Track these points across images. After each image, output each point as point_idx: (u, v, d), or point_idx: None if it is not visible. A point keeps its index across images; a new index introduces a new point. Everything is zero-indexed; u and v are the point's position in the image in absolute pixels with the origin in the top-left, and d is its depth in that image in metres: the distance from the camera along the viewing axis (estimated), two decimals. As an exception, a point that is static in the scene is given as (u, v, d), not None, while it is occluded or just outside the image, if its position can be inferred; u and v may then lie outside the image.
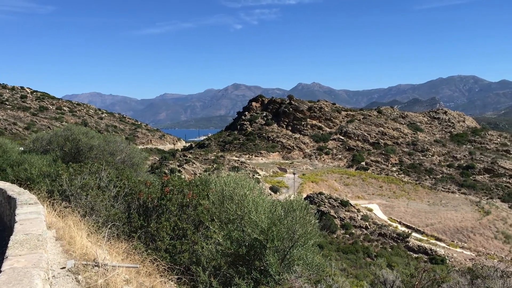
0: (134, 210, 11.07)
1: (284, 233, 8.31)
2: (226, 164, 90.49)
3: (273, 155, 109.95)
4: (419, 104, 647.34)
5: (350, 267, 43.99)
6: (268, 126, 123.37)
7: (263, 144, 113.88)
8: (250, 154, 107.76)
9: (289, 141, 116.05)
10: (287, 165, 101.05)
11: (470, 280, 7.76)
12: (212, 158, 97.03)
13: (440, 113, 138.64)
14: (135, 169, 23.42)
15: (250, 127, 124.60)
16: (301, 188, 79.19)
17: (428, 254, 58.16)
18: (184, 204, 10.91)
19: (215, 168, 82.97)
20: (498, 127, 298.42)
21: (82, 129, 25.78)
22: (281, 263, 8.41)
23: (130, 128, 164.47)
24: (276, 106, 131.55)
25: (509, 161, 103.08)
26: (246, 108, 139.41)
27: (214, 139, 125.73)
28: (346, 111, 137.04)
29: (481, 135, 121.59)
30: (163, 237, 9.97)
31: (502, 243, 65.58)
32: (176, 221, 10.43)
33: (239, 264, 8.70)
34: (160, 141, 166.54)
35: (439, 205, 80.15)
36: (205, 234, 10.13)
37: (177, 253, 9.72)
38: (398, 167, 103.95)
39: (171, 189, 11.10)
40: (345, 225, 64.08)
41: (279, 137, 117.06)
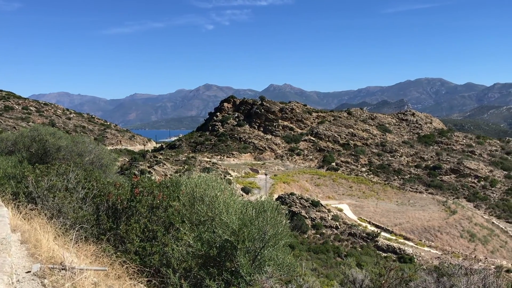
0: (103, 212, 10.88)
1: (255, 234, 8.33)
2: (197, 165, 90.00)
3: (245, 156, 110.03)
4: (387, 106, 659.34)
5: (321, 266, 44.43)
6: (240, 127, 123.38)
7: (235, 145, 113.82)
8: (221, 155, 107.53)
9: (261, 142, 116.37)
10: (259, 166, 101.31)
11: (436, 278, 7.97)
12: (183, 159, 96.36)
13: (408, 115, 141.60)
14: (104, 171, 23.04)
15: (221, 128, 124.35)
16: (273, 188, 79.53)
17: (397, 253, 59.33)
18: (154, 205, 10.79)
19: (186, 169, 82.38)
20: (464, 128, 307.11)
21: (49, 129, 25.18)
22: (252, 264, 8.43)
23: (99, 128, 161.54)
24: (248, 107, 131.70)
25: (474, 162, 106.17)
26: (217, 109, 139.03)
27: (185, 140, 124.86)
28: (317, 112, 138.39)
29: (448, 137, 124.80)
30: (133, 239, 9.84)
31: (467, 242, 67.47)
32: (146, 223, 10.31)
33: (210, 265, 8.67)
34: (130, 142, 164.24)
35: (407, 205, 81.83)
36: (175, 236, 10.05)
37: (147, 255, 9.61)
38: (368, 167, 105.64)
39: (141, 190, 10.96)
40: (316, 225, 64.67)
41: (251, 138, 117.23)
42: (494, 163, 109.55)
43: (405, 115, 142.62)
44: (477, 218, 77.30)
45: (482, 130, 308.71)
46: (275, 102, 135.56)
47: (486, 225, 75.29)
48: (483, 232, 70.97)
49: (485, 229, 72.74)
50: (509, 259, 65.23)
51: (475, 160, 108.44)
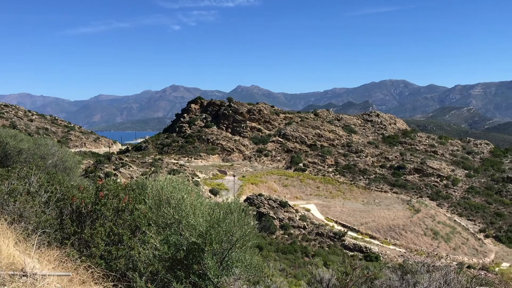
0: (66, 216, 10.62)
1: (223, 236, 8.31)
2: (164, 167, 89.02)
3: (213, 158, 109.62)
4: (353, 107, 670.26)
5: (289, 267, 44.66)
6: (208, 128, 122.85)
7: (202, 147, 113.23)
8: (189, 157, 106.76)
9: (229, 143, 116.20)
10: (227, 167, 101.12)
11: (400, 276, 8.16)
12: (150, 161, 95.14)
13: (373, 116, 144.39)
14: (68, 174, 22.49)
15: (189, 129, 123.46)
16: (241, 190, 79.52)
17: (363, 252, 60.33)
18: (119, 209, 10.61)
19: (152, 171, 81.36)
20: (427, 129, 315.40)
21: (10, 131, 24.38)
22: (220, 265, 8.41)
23: (62, 130, 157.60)
24: (216, 108, 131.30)
25: (437, 162, 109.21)
26: (185, 110, 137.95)
27: (151, 141, 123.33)
28: (284, 113, 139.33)
29: (411, 137, 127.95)
30: (98, 243, 9.65)
31: (431, 239, 69.28)
32: (111, 227, 10.13)
33: (177, 268, 8.60)
34: (95, 144, 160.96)
35: (373, 204, 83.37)
36: (142, 239, 9.92)
37: (112, 259, 9.45)
38: (334, 168, 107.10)
39: (106, 193, 10.76)
40: (284, 226, 65.04)
41: (219, 140, 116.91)
42: (456, 162, 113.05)
43: (370, 116, 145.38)
44: (440, 216, 79.51)
45: (444, 131, 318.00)
46: (243, 104, 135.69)
47: (449, 223, 77.55)
48: (445, 230, 73.04)
49: (448, 227, 74.91)
50: (470, 255, 67.38)
51: (438, 160, 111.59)
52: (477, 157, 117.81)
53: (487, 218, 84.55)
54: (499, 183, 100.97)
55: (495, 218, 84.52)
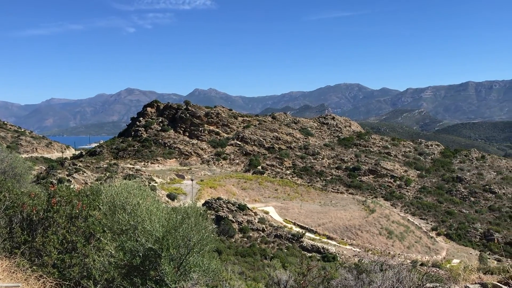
0: (16, 224, 10.23)
1: (180, 241, 8.23)
2: (120, 172, 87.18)
3: (170, 162, 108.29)
4: (309, 110, 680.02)
5: (248, 270, 44.68)
6: (165, 132, 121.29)
7: (159, 151, 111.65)
8: (145, 161, 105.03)
9: (187, 147, 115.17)
10: (185, 171, 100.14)
11: (356, 275, 8.35)
12: (105, 166, 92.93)
13: (329, 119, 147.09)
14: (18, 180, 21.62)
15: (145, 133, 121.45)
16: (199, 194, 78.95)
17: (321, 252, 61.19)
18: (73, 215, 10.33)
19: (108, 176, 79.48)
20: (380, 131, 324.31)
21: (-47, 137, 23.21)
22: (177, 271, 8.32)
23: (12, 135, 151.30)
24: (173, 111, 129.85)
25: (390, 163, 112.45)
26: (140, 114, 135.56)
27: (106, 146, 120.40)
28: (242, 117, 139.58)
29: (366, 139, 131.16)
30: (50, 251, 9.35)
31: (386, 239, 71.14)
32: (64, 234, 9.84)
33: (133, 275, 8.45)
34: (47, 149, 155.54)
35: (330, 205, 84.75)
36: (97, 246, 9.68)
37: (66, 268, 9.18)
38: (292, 170, 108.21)
39: (58, 200, 10.44)
40: (243, 229, 65.05)
41: (176, 143, 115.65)
42: (408, 163, 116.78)
43: (326, 119, 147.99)
44: (394, 216, 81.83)
45: (396, 133, 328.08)
46: (201, 107, 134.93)
47: (402, 222, 79.92)
48: (399, 229, 75.21)
49: (402, 226, 77.18)
50: (423, 253, 69.68)
51: (391, 161, 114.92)
52: (428, 158, 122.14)
53: (439, 217, 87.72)
54: (449, 183, 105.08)
55: (446, 216, 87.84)
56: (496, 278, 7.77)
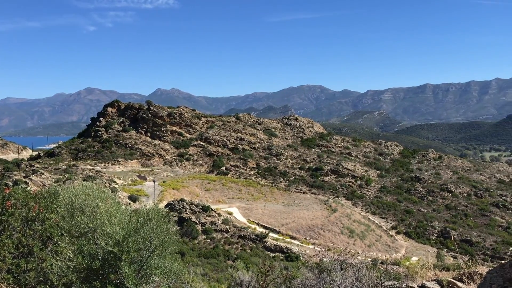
0: (-33, 229, 9.79)
1: (141, 243, 8.10)
2: (79, 174, 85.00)
3: (132, 163, 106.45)
4: (273, 111, 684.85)
5: (212, 271, 44.47)
6: (126, 132, 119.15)
7: (120, 152, 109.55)
8: (106, 163, 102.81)
9: (149, 148, 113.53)
10: (147, 172, 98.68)
11: (317, 274, 8.45)
12: (64, 168, 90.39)
13: (292, 120, 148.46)
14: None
15: (106, 133, 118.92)
16: (162, 195, 77.98)
17: (284, 252, 61.61)
18: (29, 218, 9.99)
19: (67, 178, 77.35)
20: (342, 132, 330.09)
21: None
22: (138, 274, 8.19)
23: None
24: (134, 112, 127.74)
25: (351, 163, 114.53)
26: (101, 114, 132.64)
27: (65, 147, 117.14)
28: (206, 117, 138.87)
29: (328, 140, 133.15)
30: (5, 256, 9.01)
31: (347, 238, 72.36)
32: (20, 238, 9.50)
33: (93, 279, 8.25)
34: (2, 150, 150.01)
35: (293, 205, 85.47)
36: (54, 250, 9.40)
37: (21, 273, 8.86)
38: (256, 171, 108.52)
39: (13, 203, 10.07)
40: (206, 230, 64.71)
41: (138, 144, 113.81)
42: (369, 163, 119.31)
43: (289, 120, 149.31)
44: (355, 215, 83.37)
45: (357, 134, 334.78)
46: (163, 107, 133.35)
47: (363, 221, 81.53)
48: (360, 228, 76.69)
49: (363, 225, 78.72)
50: (384, 251, 71.30)
51: (352, 161, 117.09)
52: (388, 158, 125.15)
53: (398, 216, 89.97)
54: (408, 182, 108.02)
55: (405, 215, 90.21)
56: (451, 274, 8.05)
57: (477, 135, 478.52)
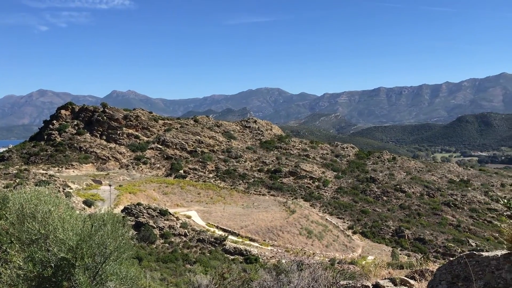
0: None
1: (95, 249, 7.89)
2: (31, 179, 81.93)
3: (87, 167, 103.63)
4: (232, 113, 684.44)
5: (170, 275, 43.93)
6: (80, 135, 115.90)
7: (74, 155, 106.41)
8: (60, 167, 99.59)
9: (104, 151, 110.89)
10: (103, 176, 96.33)
11: (275, 276, 8.50)
12: (15, 172, 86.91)
13: (251, 122, 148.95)
14: None
15: (59, 137, 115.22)
16: (118, 200, 76.33)
17: (243, 254, 61.66)
18: (-25, 226, 9.52)
19: (18, 183, 74.40)
20: (300, 134, 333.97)
21: None
22: (93, 280, 7.97)
23: None
24: (89, 114, 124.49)
25: (309, 164, 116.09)
26: (54, 117, 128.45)
27: (16, 150, 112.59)
28: (163, 120, 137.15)
29: (286, 142, 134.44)
30: (-51, 267, 8.54)
31: (305, 238, 73.29)
32: (-35, 247, 9.04)
33: (45, 287, 7.97)
34: None
35: (252, 207, 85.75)
36: (3, 258, 9.01)
37: (-34, 284, 8.44)
38: (215, 173, 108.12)
39: (-42, 210, 9.58)
40: (164, 234, 63.86)
41: (93, 147, 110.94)
42: (326, 165, 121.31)
43: (248, 122, 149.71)
44: (313, 216, 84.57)
45: (315, 136, 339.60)
46: (119, 109, 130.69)
47: (321, 222, 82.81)
48: (318, 229, 77.84)
49: (320, 226, 79.93)
50: (341, 251, 72.63)
51: (310, 163, 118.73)
52: (344, 159, 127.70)
53: (354, 216, 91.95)
54: (364, 183, 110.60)
55: (361, 215, 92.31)
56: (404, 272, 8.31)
57: (429, 137, 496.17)
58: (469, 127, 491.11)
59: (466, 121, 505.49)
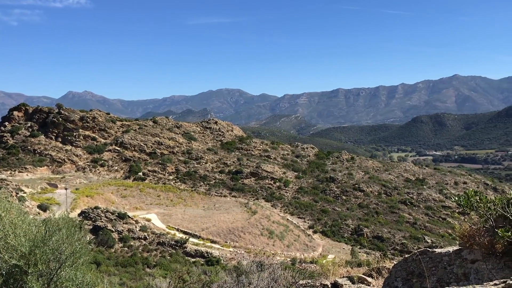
0: None
1: (50, 255, 7.62)
2: (-18, 183, 78.46)
3: (41, 170, 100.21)
4: (192, 114, 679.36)
5: (130, 280, 43.12)
6: (34, 138, 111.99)
7: (28, 158, 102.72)
8: (12, 170, 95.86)
9: (60, 153, 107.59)
10: (58, 180, 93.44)
11: (236, 277, 8.48)
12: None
13: (212, 123, 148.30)
14: None
15: (11, 139, 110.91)
16: (75, 203, 74.23)
17: (205, 257, 61.28)
18: None
19: (-33, 188, 71.09)
20: (261, 135, 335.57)
21: None
22: (47, 287, 7.70)
23: None
24: (43, 115, 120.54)
25: (270, 165, 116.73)
26: (6, 118, 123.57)
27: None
28: (121, 121, 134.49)
29: (247, 143, 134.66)
30: None
31: (267, 239, 73.60)
32: None
33: (-4, 296, 7.63)
34: None
35: (213, 209, 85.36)
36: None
37: None
38: (175, 175, 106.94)
39: None
40: (123, 238, 62.61)
41: (48, 150, 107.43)
42: (287, 165, 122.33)
43: (208, 123, 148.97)
44: (274, 216, 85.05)
45: (276, 136, 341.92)
46: (75, 110, 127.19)
47: (282, 222, 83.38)
48: (280, 229, 78.34)
49: (282, 226, 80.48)
50: (302, 250, 73.37)
51: (271, 164, 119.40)
52: (304, 160, 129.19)
53: (315, 215, 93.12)
54: (324, 183, 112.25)
55: (321, 214, 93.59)
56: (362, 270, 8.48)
57: (386, 137, 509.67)
58: (424, 127, 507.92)
59: (421, 122, 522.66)
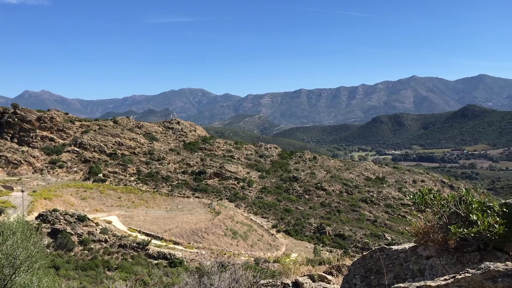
0: None
1: (3, 260, 7.34)
2: None
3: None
4: (154, 114, 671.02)
5: (90, 284, 42.12)
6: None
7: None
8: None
9: (15, 155, 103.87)
10: (14, 182, 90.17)
11: (198, 279, 8.43)
12: None
13: (174, 123, 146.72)
14: None
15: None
16: (32, 206, 71.80)
17: (168, 258, 60.64)
18: None
19: None
20: (224, 135, 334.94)
21: None
22: (1, 294, 7.40)
23: None
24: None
25: (234, 165, 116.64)
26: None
27: None
28: (80, 121, 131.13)
29: (210, 143, 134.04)
30: None
31: (231, 239, 73.52)
32: None
33: None
34: None
35: (176, 210, 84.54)
36: None
37: None
38: (136, 176, 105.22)
39: None
40: (83, 241, 61.14)
41: (3, 151, 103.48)
42: (250, 165, 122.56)
43: (171, 123, 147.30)
44: (238, 217, 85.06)
45: (239, 137, 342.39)
46: (32, 110, 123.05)
47: (246, 222, 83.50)
48: (243, 229, 78.42)
49: (245, 226, 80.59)
50: (266, 250, 73.71)
51: (235, 164, 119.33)
52: (268, 159, 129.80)
53: (278, 215, 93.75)
54: (287, 182, 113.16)
55: (285, 214, 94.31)
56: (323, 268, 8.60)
57: (347, 137, 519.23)
58: (383, 127, 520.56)
59: (380, 122, 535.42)
